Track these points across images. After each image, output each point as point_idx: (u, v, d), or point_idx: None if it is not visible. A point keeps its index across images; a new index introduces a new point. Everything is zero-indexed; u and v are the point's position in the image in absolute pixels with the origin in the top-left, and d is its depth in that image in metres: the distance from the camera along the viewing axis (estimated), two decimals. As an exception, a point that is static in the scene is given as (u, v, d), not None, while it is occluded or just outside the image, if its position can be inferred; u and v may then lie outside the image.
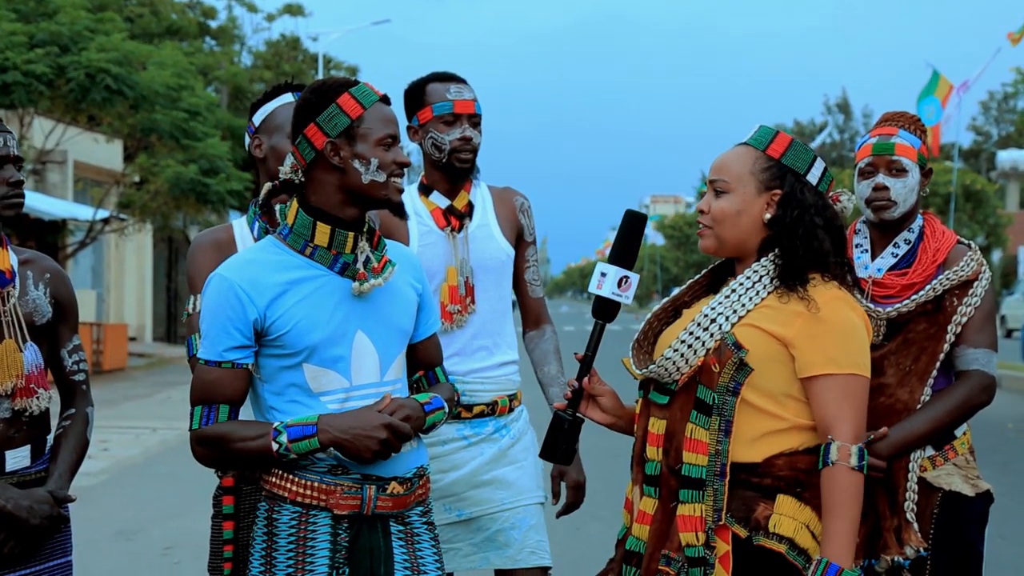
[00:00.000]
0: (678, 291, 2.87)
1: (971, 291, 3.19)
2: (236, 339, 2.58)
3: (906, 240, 3.27)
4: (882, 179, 3.24)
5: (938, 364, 3.17)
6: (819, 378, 2.55)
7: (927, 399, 3.16)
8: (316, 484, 2.61)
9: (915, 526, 3.13)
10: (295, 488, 2.61)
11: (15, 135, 3.07)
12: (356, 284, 2.63)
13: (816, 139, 41.02)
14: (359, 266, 2.64)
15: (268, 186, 2.72)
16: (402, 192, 2.68)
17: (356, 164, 2.61)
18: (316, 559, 2.60)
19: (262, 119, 3.17)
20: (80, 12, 17.85)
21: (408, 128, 3.57)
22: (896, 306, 3.18)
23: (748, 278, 2.64)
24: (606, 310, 2.80)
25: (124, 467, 10.26)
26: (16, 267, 3.01)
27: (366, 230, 2.68)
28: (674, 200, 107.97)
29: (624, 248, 2.80)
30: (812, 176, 2.67)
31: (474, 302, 3.48)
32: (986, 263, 3.28)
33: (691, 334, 2.59)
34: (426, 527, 2.76)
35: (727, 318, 2.59)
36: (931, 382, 3.17)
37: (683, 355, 2.59)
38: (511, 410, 3.54)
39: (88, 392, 3.15)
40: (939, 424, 3.14)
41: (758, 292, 2.62)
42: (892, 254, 3.27)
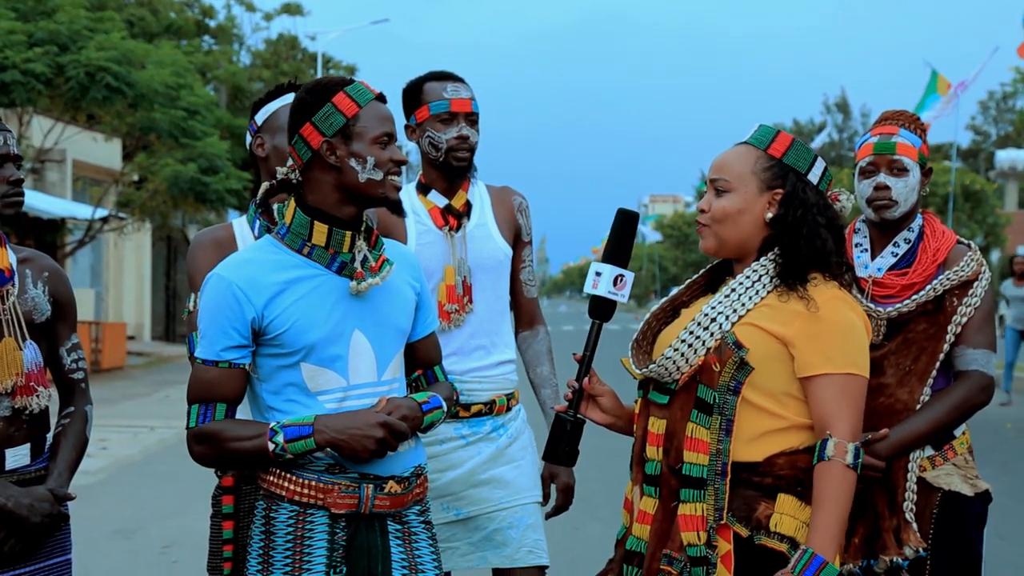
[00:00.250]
0: (676, 291, 2.87)
1: (971, 291, 3.19)
2: (233, 339, 2.58)
3: (906, 240, 3.27)
4: (883, 178, 3.24)
5: (938, 364, 3.18)
6: (817, 377, 2.55)
7: (926, 399, 3.17)
8: (314, 483, 2.60)
9: (914, 526, 3.12)
10: (293, 487, 2.61)
11: (14, 134, 3.07)
12: (354, 283, 2.62)
13: (816, 139, 40.99)
14: (357, 265, 2.64)
15: (265, 185, 2.71)
16: (399, 190, 2.68)
17: (352, 163, 2.60)
18: (313, 558, 2.59)
19: (265, 118, 3.17)
20: (79, 11, 17.82)
21: (406, 127, 3.57)
22: (897, 306, 3.17)
23: (748, 277, 2.64)
24: (603, 309, 2.79)
25: (123, 466, 10.26)
26: (15, 265, 3.00)
27: (364, 229, 2.67)
28: (673, 199, 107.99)
29: (618, 247, 2.80)
30: (813, 175, 2.67)
31: (472, 301, 3.48)
32: (986, 263, 3.29)
33: (691, 333, 2.59)
34: (424, 526, 2.76)
35: (727, 317, 2.59)
36: (931, 382, 3.18)
37: (683, 354, 2.59)
38: (508, 409, 3.54)
39: (87, 390, 3.15)
40: (939, 424, 3.14)
41: (758, 291, 2.62)
42: (892, 253, 3.26)
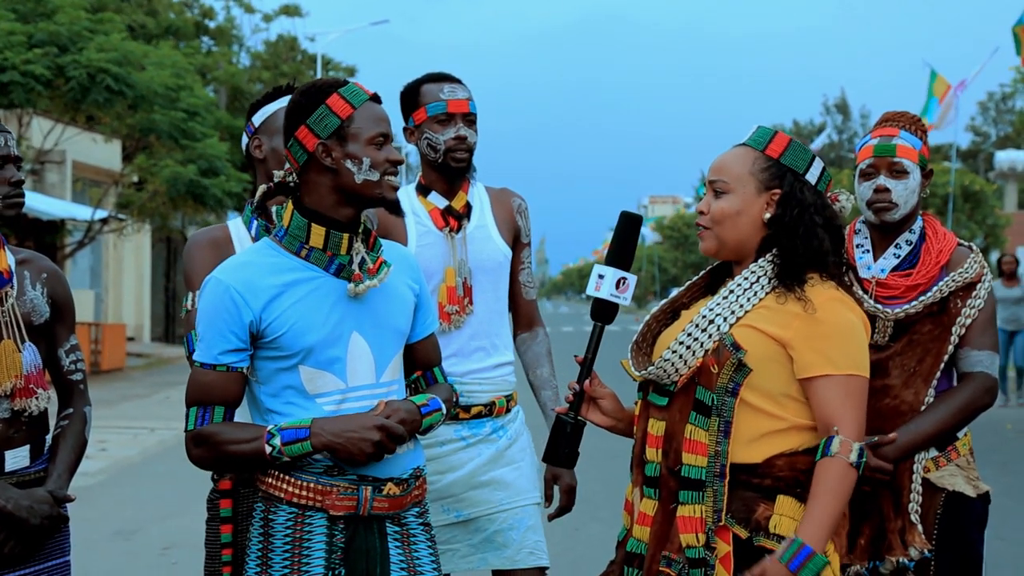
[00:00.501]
0: (676, 292, 2.87)
1: (974, 293, 3.19)
2: (232, 342, 2.58)
3: (907, 241, 3.26)
4: (883, 181, 3.23)
5: (942, 365, 3.17)
6: (818, 379, 2.55)
7: (931, 400, 3.16)
8: (312, 485, 2.60)
9: (919, 527, 3.12)
10: (291, 489, 2.60)
11: (14, 135, 3.07)
12: (351, 285, 2.62)
13: (815, 141, 40.98)
14: (354, 267, 2.64)
15: (263, 188, 2.71)
16: (397, 190, 2.67)
17: (348, 164, 2.60)
18: (312, 560, 2.59)
19: (262, 120, 3.17)
20: (79, 12, 17.83)
21: (404, 130, 3.57)
22: (904, 307, 3.17)
23: (746, 279, 2.63)
24: (605, 312, 2.79)
25: (122, 467, 10.25)
26: (13, 267, 3.00)
27: (362, 231, 2.67)
28: (672, 200, 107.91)
29: (620, 249, 2.80)
30: (811, 175, 2.67)
31: (472, 303, 3.48)
32: (987, 266, 3.28)
33: (689, 335, 2.59)
34: (422, 528, 2.76)
35: (725, 319, 2.59)
36: (935, 383, 3.18)
37: (681, 356, 2.59)
38: (508, 411, 3.54)
39: (86, 392, 3.15)
40: (945, 426, 3.13)
41: (756, 293, 2.62)
42: (894, 255, 3.25)
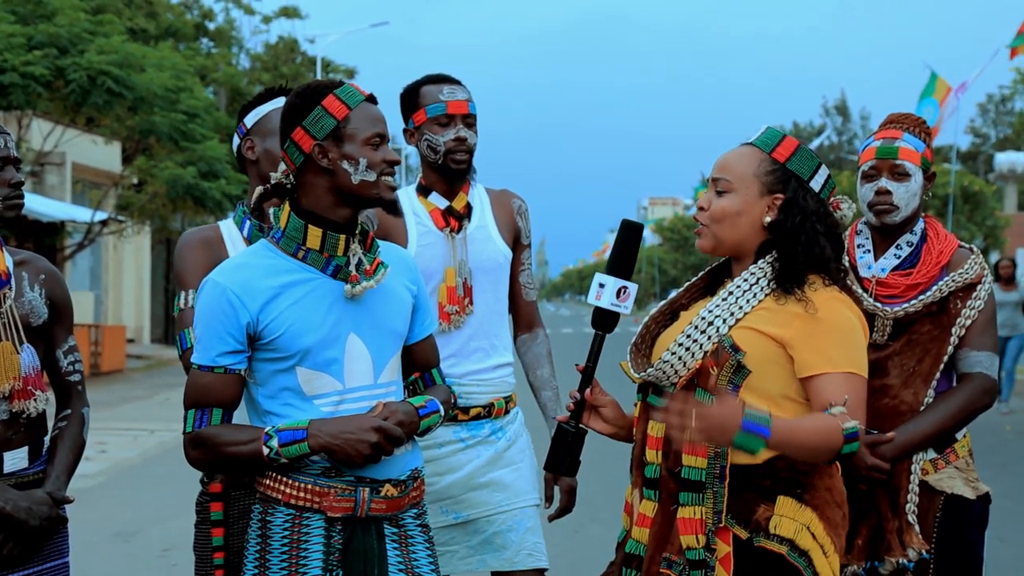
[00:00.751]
0: (675, 293, 2.86)
1: (974, 294, 3.19)
2: (229, 344, 2.58)
3: (908, 242, 3.26)
4: (885, 183, 3.23)
5: (942, 366, 3.17)
6: (818, 377, 2.54)
7: (930, 400, 3.16)
8: (310, 486, 2.60)
9: (917, 528, 3.13)
10: (289, 490, 2.60)
11: (13, 136, 3.06)
12: (348, 287, 2.62)
13: (814, 141, 40.99)
14: (351, 268, 2.64)
15: (260, 189, 2.71)
16: (394, 190, 2.67)
17: (345, 165, 2.60)
18: (310, 561, 2.59)
19: (255, 121, 3.16)
20: (79, 14, 17.83)
21: (404, 131, 3.57)
22: (903, 306, 3.17)
23: (745, 280, 2.63)
24: (606, 321, 2.78)
25: (122, 469, 10.25)
26: (11, 268, 2.99)
27: (359, 232, 2.67)
28: (672, 202, 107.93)
29: (621, 258, 2.78)
30: (815, 183, 2.65)
31: (472, 303, 3.47)
32: (987, 267, 3.28)
33: (688, 337, 2.58)
34: (420, 529, 2.75)
35: (724, 320, 2.58)
36: (934, 384, 3.18)
37: (681, 358, 2.58)
38: (507, 412, 3.53)
39: (84, 393, 3.14)
40: (943, 427, 3.13)
41: (755, 294, 2.61)
42: (895, 255, 3.26)
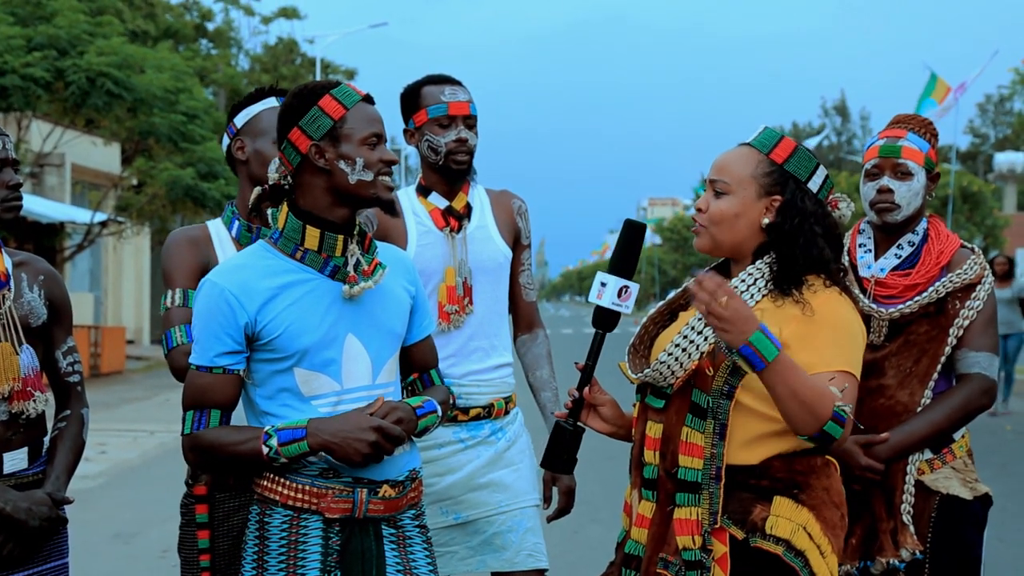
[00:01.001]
0: (674, 294, 2.86)
1: (974, 295, 3.18)
2: (227, 344, 2.58)
3: (910, 242, 3.26)
4: (887, 182, 3.23)
5: (939, 367, 3.17)
6: (814, 376, 2.53)
7: (928, 402, 3.16)
8: (307, 487, 2.60)
9: (911, 528, 3.12)
10: (286, 491, 2.60)
11: (12, 138, 3.07)
12: (346, 287, 2.62)
13: (812, 139, 40.96)
14: (349, 269, 2.64)
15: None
16: (391, 189, 2.67)
17: (342, 165, 2.60)
18: (307, 562, 2.59)
19: (245, 121, 3.15)
20: (78, 15, 17.82)
21: (404, 131, 3.58)
22: (899, 307, 3.17)
23: (743, 281, 2.62)
24: (606, 320, 2.77)
25: (122, 470, 10.25)
26: (10, 270, 3.00)
27: (356, 232, 2.67)
28: (672, 203, 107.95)
29: (623, 258, 2.78)
30: (813, 184, 2.64)
31: (472, 303, 3.48)
32: (989, 267, 3.28)
33: (685, 338, 2.58)
34: (419, 530, 2.76)
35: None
36: (932, 385, 3.17)
37: (677, 359, 2.58)
38: (507, 412, 3.54)
39: (83, 393, 3.15)
40: (939, 427, 3.13)
41: (752, 295, 2.60)
42: (895, 255, 3.25)
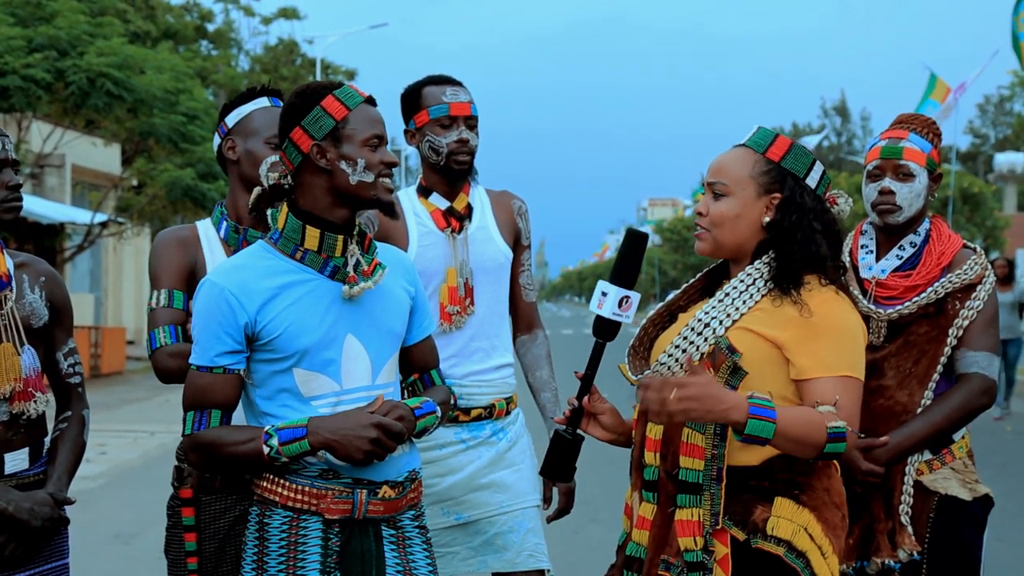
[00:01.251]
0: (673, 295, 2.86)
1: (974, 295, 3.18)
2: (227, 344, 2.59)
3: (911, 243, 3.26)
4: (888, 183, 3.23)
5: (939, 368, 3.17)
6: (812, 381, 2.54)
7: (928, 402, 3.16)
8: (307, 488, 2.60)
9: (909, 529, 3.12)
10: (286, 492, 2.61)
11: (12, 139, 3.07)
12: (346, 287, 2.62)
13: (812, 138, 40.92)
14: (349, 269, 2.64)
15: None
16: (392, 191, 2.68)
17: (343, 165, 2.60)
18: (307, 563, 2.59)
19: (236, 121, 3.14)
20: (79, 16, 17.82)
21: (405, 132, 3.58)
22: (898, 307, 3.17)
23: (742, 281, 2.63)
24: (607, 330, 2.76)
25: (122, 471, 10.25)
26: (12, 271, 3.00)
27: (356, 233, 2.67)
28: (672, 203, 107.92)
29: (625, 267, 2.75)
30: (811, 179, 2.65)
31: (473, 303, 3.48)
32: (990, 268, 3.28)
33: (685, 339, 2.58)
34: (418, 531, 2.76)
35: (720, 322, 2.58)
36: (932, 385, 3.17)
37: (677, 360, 2.58)
38: (508, 413, 3.54)
39: (84, 394, 3.15)
40: (938, 428, 3.13)
41: (752, 295, 2.61)
42: (897, 256, 3.25)
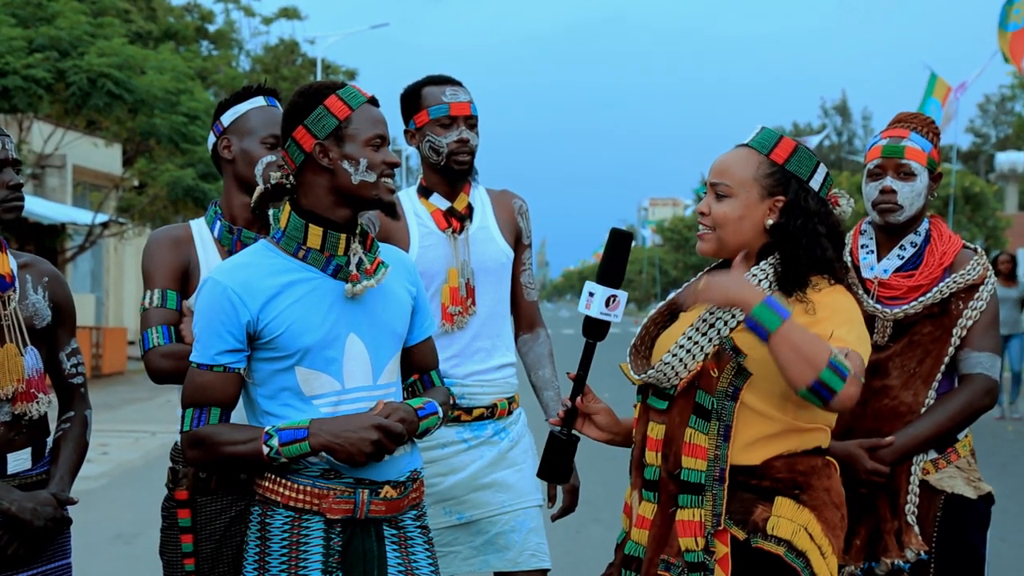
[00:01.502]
0: (674, 294, 2.85)
1: (976, 295, 3.18)
2: (229, 343, 2.59)
3: (912, 243, 3.26)
4: (889, 182, 3.23)
5: (943, 367, 3.17)
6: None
7: (931, 402, 3.16)
8: (309, 488, 2.60)
9: (916, 529, 3.12)
10: (288, 492, 2.61)
11: (13, 139, 3.07)
12: (349, 286, 2.63)
13: (813, 139, 40.93)
14: (352, 268, 2.64)
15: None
16: (393, 192, 2.68)
17: (345, 165, 2.61)
18: (309, 564, 2.59)
19: (232, 120, 3.13)
20: (80, 17, 17.83)
21: (405, 132, 3.57)
22: (903, 307, 3.17)
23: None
24: (596, 329, 2.75)
25: (124, 471, 10.25)
26: (15, 271, 3.00)
27: (359, 232, 2.68)
28: (672, 203, 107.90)
29: (611, 267, 2.74)
30: (815, 182, 2.64)
31: (475, 303, 3.48)
32: (991, 267, 3.28)
33: (690, 339, 2.57)
34: (420, 531, 2.76)
35: (726, 323, 2.57)
36: (936, 385, 3.17)
37: (681, 360, 2.57)
38: (510, 413, 3.54)
39: (86, 395, 3.15)
40: (942, 428, 3.13)
41: (757, 296, 2.60)
42: (898, 256, 3.25)
